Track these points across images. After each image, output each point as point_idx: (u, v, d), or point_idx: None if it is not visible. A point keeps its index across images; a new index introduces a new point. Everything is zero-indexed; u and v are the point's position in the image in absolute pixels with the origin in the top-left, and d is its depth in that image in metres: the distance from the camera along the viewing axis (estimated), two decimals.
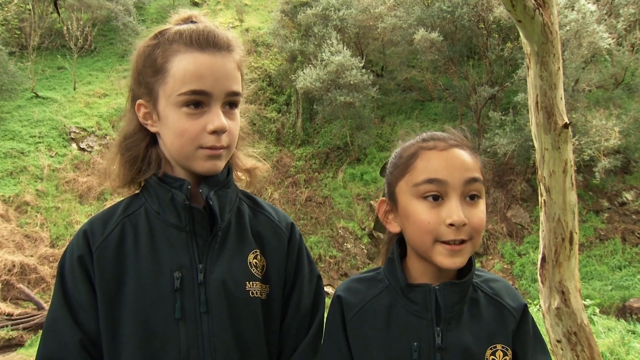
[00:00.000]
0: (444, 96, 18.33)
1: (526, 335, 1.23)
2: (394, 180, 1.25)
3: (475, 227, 1.16)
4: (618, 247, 13.21)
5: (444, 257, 1.16)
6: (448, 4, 16.50)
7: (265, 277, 1.28)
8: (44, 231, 14.79)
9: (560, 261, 3.38)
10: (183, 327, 1.17)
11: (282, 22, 21.31)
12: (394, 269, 1.27)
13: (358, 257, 15.73)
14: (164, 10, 25.25)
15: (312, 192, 17.98)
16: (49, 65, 20.73)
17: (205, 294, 1.19)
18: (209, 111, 1.17)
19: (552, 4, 3.38)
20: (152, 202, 1.24)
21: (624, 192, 14.06)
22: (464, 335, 1.19)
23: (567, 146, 3.36)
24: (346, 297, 1.29)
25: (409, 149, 1.25)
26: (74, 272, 1.20)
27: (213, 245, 1.23)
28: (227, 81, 1.19)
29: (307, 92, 17.94)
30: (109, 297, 1.18)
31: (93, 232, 1.23)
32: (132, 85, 1.27)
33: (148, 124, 1.24)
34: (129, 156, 1.25)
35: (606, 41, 13.65)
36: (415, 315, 1.21)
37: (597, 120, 13.28)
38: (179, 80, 1.16)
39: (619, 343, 6.43)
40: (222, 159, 1.21)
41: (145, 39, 1.26)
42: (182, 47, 1.18)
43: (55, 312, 1.19)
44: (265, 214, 1.36)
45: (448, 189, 1.15)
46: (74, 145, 17.51)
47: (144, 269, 1.19)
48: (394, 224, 1.28)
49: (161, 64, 1.19)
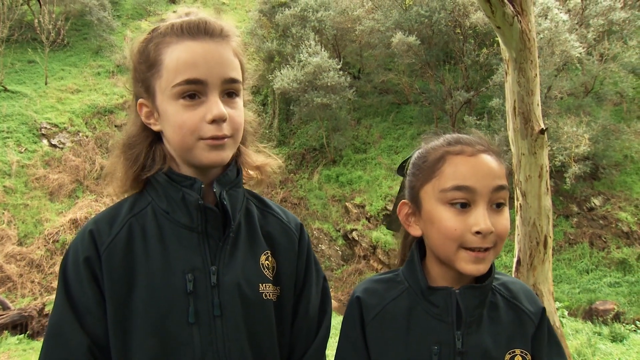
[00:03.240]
0: (420, 100, 18.52)
1: (543, 339, 1.23)
2: (418, 183, 1.24)
3: (500, 235, 1.16)
4: (586, 251, 13.55)
5: (468, 263, 1.15)
6: (426, 8, 16.69)
7: (276, 279, 1.25)
8: (11, 229, 14.38)
9: (535, 264, 3.44)
10: (197, 331, 1.13)
11: (259, 22, 21.22)
12: (415, 271, 1.25)
13: (332, 258, 15.75)
14: (140, 6, 24.86)
15: (288, 193, 17.94)
16: (19, 59, 20.14)
17: (219, 297, 1.15)
18: (206, 101, 1.13)
19: (529, 12, 3.45)
20: (160, 201, 1.19)
21: (592, 197, 14.44)
22: (484, 339, 1.18)
23: (543, 151, 3.43)
24: (365, 299, 1.27)
25: (434, 152, 1.23)
26: (80, 274, 1.13)
27: (225, 247, 1.19)
28: (222, 68, 1.14)
29: (283, 92, 17.91)
30: (118, 301, 1.13)
31: (100, 233, 1.16)
32: (132, 85, 1.23)
33: (150, 122, 1.20)
34: (131, 154, 1.21)
35: (577, 50, 14.00)
36: (436, 318, 1.20)
37: (568, 127, 13.61)
38: (172, 71, 1.12)
39: (586, 344, 6.58)
40: (226, 149, 1.16)
41: (140, 37, 1.22)
42: (174, 39, 1.14)
43: (59, 316, 1.13)
44: (274, 214, 1.33)
45: (476, 197, 1.15)
46: (44, 141, 17.07)
47: (155, 271, 1.14)
48: (415, 227, 1.27)
49: (154, 57, 1.15)
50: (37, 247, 14.23)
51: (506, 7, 3.23)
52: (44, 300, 12.65)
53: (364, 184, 17.01)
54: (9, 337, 9.99)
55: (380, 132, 18.67)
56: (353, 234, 15.82)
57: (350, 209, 16.54)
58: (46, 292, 13.24)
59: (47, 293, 13.14)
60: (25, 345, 9.25)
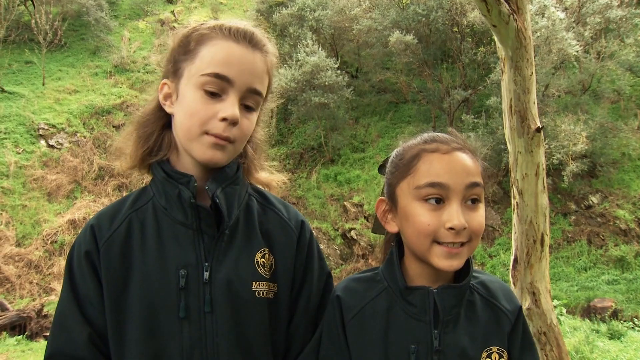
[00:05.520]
0: (418, 98, 18.52)
1: (517, 337, 1.25)
2: (394, 180, 1.26)
3: (474, 231, 1.17)
4: (584, 249, 13.57)
5: (441, 258, 1.17)
6: (423, 7, 16.69)
7: (273, 276, 1.26)
8: (9, 230, 14.36)
9: (532, 263, 3.45)
10: (187, 326, 1.16)
11: (257, 22, 21.17)
12: (393, 271, 1.27)
13: (331, 257, 15.75)
14: (137, 6, 24.83)
15: (286, 193, 17.94)
16: (16, 60, 20.11)
17: (210, 293, 1.17)
18: (225, 100, 1.16)
19: (525, 10, 3.46)
20: (160, 198, 1.23)
21: (590, 195, 14.46)
22: (460, 338, 1.19)
23: (539, 150, 3.44)
24: (345, 298, 1.28)
25: (410, 150, 1.25)
26: (82, 267, 1.20)
27: (220, 244, 1.21)
28: (251, 76, 1.19)
29: (281, 92, 17.90)
30: (115, 293, 1.17)
31: (100, 227, 1.22)
32: (163, 65, 1.28)
33: (166, 104, 1.24)
34: (143, 132, 1.25)
35: (574, 48, 14.02)
36: (414, 318, 1.21)
37: (565, 125, 13.63)
38: (205, 61, 1.17)
39: (584, 342, 6.61)
40: (225, 152, 1.18)
41: (187, 26, 1.28)
42: (219, 35, 1.19)
43: (64, 306, 1.20)
44: (275, 210, 1.34)
45: (449, 193, 1.16)
46: (42, 142, 17.05)
47: (150, 266, 1.18)
48: (392, 223, 1.28)
49: (195, 45, 1.20)
50: (35, 248, 14.22)
51: (502, 6, 3.24)
52: (42, 301, 12.65)
53: (362, 183, 17.02)
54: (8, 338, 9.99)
55: (378, 131, 18.68)
56: (351, 233, 15.83)
57: (349, 208, 16.54)
58: (45, 293, 13.22)
59: (45, 294, 13.14)
60: (24, 346, 9.26)
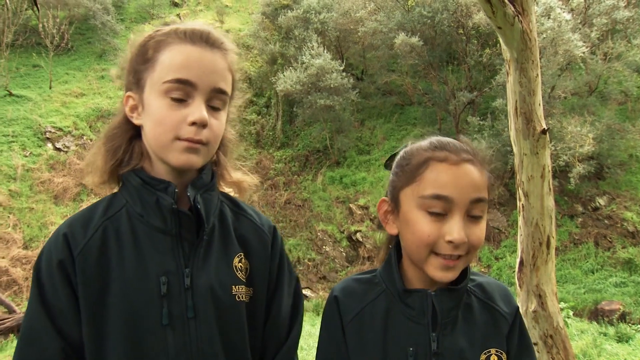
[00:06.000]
0: (424, 101, 18.50)
1: (514, 339, 1.25)
2: (399, 184, 1.24)
3: (473, 245, 1.17)
4: (591, 251, 13.49)
5: (437, 270, 1.16)
6: (428, 9, 16.68)
7: (249, 280, 1.27)
8: (16, 232, 14.45)
9: (538, 265, 3.43)
10: (171, 333, 1.14)
11: (262, 24, 21.27)
12: (391, 273, 1.27)
13: (337, 260, 15.74)
14: (144, 9, 24.97)
15: (292, 195, 17.95)
16: (24, 63, 20.28)
17: (192, 299, 1.16)
18: (192, 104, 1.15)
19: (530, 11, 3.44)
20: (135, 204, 1.20)
21: (597, 197, 14.38)
22: (458, 341, 1.20)
23: (545, 151, 3.42)
24: (343, 300, 1.28)
25: (419, 155, 1.23)
26: (53, 277, 1.13)
27: (199, 249, 1.20)
28: (214, 76, 1.17)
29: (287, 94, 17.93)
30: (92, 304, 1.13)
31: (74, 235, 1.16)
32: (124, 77, 1.26)
33: (133, 116, 1.22)
34: (111, 146, 1.23)
35: (580, 49, 13.96)
36: (412, 320, 1.22)
37: (572, 126, 13.57)
38: (165, 68, 1.15)
39: (592, 345, 6.56)
40: (199, 155, 1.17)
41: (142, 34, 1.26)
42: (175, 40, 1.18)
43: (33, 319, 1.13)
44: (247, 216, 1.34)
45: (453, 206, 1.15)
46: (49, 145, 17.16)
47: (129, 274, 1.15)
48: (392, 225, 1.28)
49: (152, 53, 1.18)
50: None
51: (507, 8, 3.23)
52: None
53: (367, 185, 17.00)
54: (15, 340, 10.03)
55: (383, 133, 18.66)
56: (357, 235, 15.81)
57: (354, 210, 16.53)
58: None
59: None
60: None
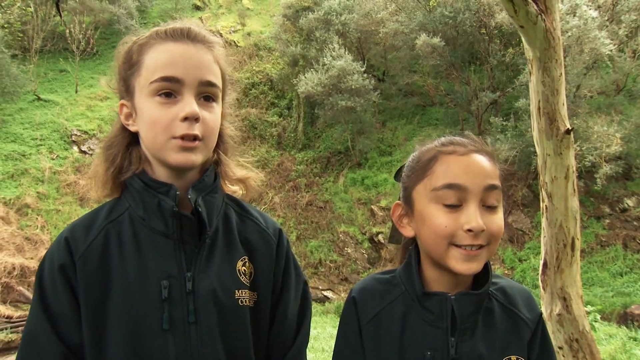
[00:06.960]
0: (446, 101, 18.33)
1: (535, 346, 1.21)
2: (411, 183, 1.23)
3: (493, 234, 1.13)
4: (619, 254, 13.17)
5: (459, 261, 1.13)
6: (450, 9, 16.53)
7: (254, 284, 1.25)
8: (44, 234, 14.77)
9: (562, 267, 3.36)
10: (171, 338, 1.13)
11: (284, 27, 21.36)
12: (411, 276, 1.24)
13: (359, 261, 15.70)
14: (166, 13, 25.30)
15: (313, 197, 17.96)
16: (51, 68, 20.78)
17: (194, 303, 1.15)
18: (181, 100, 1.14)
19: (554, 10, 3.38)
20: (137, 208, 1.19)
21: (625, 198, 14.03)
22: (478, 346, 1.16)
23: (569, 152, 3.35)
24: (361, 301, 1.26)
25: (427, 153, 1.23)
26: (55, 282, 1.13)
27: (201, 253, 1.19)
28: (200, 70, 1.16)
29: (308, 96, 17.95)
30: (93, 308, 1.12)
31: (75, 240, 1.16)
32: (116, 87, 1.26)
33: (129, 123, 1.21)
34: (109, 154, 1.23)
35: (608, 47, 13.65)
36: (430, 324, 1.19)
37: (598, 126, 13.28)
38: (151, 69, 1.15)
39: (621, 350, 6.41)
40: (196, 152, 1.15)
41: (126, 41, 1.27)
42: (157, 41, 1.18)
43: (34, 324, 1.13)
44: (252, 219, 1.32)
45: (467, 195, 1.13)
46: (75, 148, 17.53)
47: (131, 278, 1.14)
48: (408, 228, 1.26)
49: (136, 58, 1.18)
50: None
51: (529, 6, 3.18)
52: None
53: (389, 186, 16.91)
54: None
55: (405, 134, 18.55)
56: (379, 236, 15.73)
57: (376, 211, 16.46)
58: None
59: None
60: None
